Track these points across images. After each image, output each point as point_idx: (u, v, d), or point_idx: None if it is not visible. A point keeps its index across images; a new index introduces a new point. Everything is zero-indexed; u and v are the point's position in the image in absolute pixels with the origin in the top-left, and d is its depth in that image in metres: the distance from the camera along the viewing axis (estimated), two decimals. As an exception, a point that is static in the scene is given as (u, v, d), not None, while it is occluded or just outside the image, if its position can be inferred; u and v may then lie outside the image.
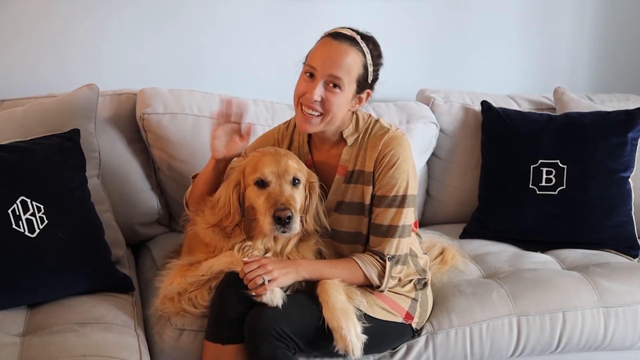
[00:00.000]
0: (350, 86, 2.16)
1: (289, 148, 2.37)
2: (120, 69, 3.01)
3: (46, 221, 2.23)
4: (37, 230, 2.21)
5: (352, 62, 2.14)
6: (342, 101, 2.17)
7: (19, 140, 2.37)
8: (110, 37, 2.98)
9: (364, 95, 2.23)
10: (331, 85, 2.15)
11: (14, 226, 2.18)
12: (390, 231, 2.21)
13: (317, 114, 2.18)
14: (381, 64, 2.23)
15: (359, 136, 2.26)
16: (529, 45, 3.57)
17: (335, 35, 2.16)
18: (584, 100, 3.21)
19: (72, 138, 2.42)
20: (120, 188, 2.74)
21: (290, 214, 2.08)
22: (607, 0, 3.61)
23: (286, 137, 2.40)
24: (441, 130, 3.12)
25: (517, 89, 3.50)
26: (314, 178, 2.25)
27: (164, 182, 2.87)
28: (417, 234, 2.47)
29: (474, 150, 3.12)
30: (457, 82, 3.39)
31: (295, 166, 2.17)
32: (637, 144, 2.93)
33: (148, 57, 3.05)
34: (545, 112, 3.16)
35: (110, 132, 2.75)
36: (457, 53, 3.47)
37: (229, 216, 2.20)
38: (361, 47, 2.15)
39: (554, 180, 2.89)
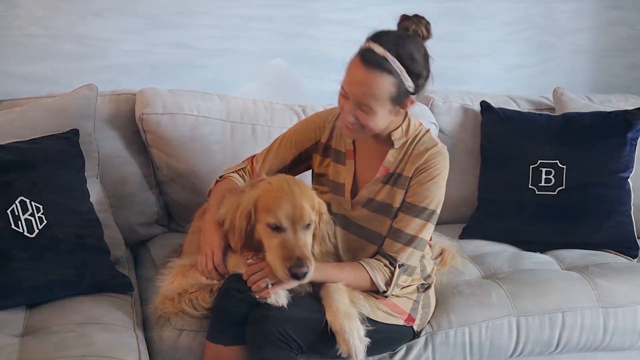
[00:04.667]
0: (382, 107, 2.10)
1: (330, 136, 2.35)
2: (119, 69, 3.01)
3: (45, 221, 2.23)
4: (36, 231, 2.21)
5: (381, 88, 2.06)
6: (377, 119, 2.13)
7: (18, 140, 2.37)
8: (109, 37, 2.98)
9: (406, 103, 2.16)
10: (362, 107, 2.10)
11: (13, 226, 2.18)
12: (409, 240, 2.21)
13: (356, 127, 2.16)
14: (423, 73, 2.13)
15: (407, 141, 2.25)
16: (528, 46, 3.57)
17: (365, 58, 2.06)
18: (583, 100, 3.21)
19: (71, 138, 2.42)
20: (120, 188, 2.74)
21: (306, 270, 2.03)
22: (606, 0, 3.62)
23: (328, 125, 2.37)
24: (440, 131, 3.12)
25: (517, 89, 3.50)
26: (324, 209, 2.22)
27: (163, 182, 2.87)
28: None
29: (473, 150, 3.12)
30: (457, 82, 3.39)
31: (309, 210, 2.11)
32: (636, 144, 2.93)
33: (147, 57, 3.05)
34: (545, 112, 3.16)
35: (110, 132, 2.75)
36: (457, 53, 3.47)
37: (234, 240, 2.17)
38: (392, 68, 2.06)
39: (553, 180, 2.89)
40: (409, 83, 2.09)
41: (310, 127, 2.39)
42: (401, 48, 2.07)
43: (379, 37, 2.09)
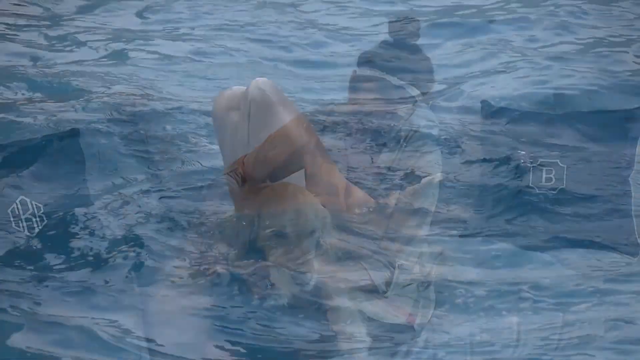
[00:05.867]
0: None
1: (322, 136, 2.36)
2: (120, 70, 3.02)
3: (45, 221, 2.23)
4: (37, 230, 2.21)
5: (402, 113, 2.15)
6: None
7: (18, 140, 2.37)
8: (111, 37, 2.99)
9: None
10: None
11: (13, 225, 2.18)
12: (407, 240, 2.23)
13: None
14: (432, 84, 2.19)
15: (400, 142, 2.26)
16: (529, 45, 3.57)
17: (384, 91, 2.14)
18: (584, 100, 3.22)
19: (71, 138, 2.43)
20: (120, 187, 2.74)
21: (309, 278, 2.06)
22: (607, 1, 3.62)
23: (320, 125, 2.41)
24: (441, 131, 3.12)
25: (518, 89, 3.50)
26: (328, 218, 2.22)
27: (164, 181, 2.87)
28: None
29: (473, 150, 3.12)
30: (457, 82, 3.40)
31: (312, 217, 2.13)
32: (636, 144, 2.93)
33: (149, 57, 3.05)
34: (546, 112, 3.17)
35: (110, 132, 2.75)
36: (457, 52, 3.47)
37: (237, 247, 2.17)
38: (409, 96, 2.15)
39: (553, 179, 2.89)
40: (420, 97, 2.11)
41: (301, 127, 2.38)
42: (415, 72, 2.11)
43: (390, 67, 2.11)
